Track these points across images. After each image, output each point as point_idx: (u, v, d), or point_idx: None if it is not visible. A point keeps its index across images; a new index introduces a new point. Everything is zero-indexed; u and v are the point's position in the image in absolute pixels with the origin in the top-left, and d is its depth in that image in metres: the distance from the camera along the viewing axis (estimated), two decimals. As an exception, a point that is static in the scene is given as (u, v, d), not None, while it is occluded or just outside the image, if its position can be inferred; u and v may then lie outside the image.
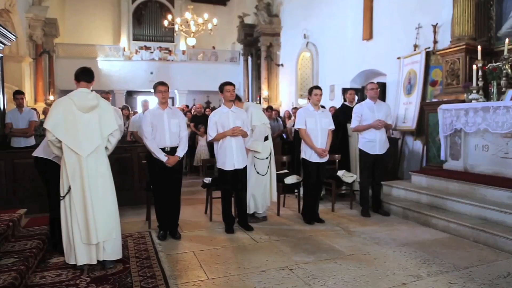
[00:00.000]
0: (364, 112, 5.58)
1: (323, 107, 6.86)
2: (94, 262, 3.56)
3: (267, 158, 5.33)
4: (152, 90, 4.71)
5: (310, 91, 5.34)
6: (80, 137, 3.51)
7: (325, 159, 5.28)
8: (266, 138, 5.37)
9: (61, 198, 3.54)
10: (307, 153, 5.23)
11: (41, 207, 5.34)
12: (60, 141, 3.51)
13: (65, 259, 3.64)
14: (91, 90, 3.73)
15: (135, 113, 10.50)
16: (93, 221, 3.48)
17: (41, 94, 14.55)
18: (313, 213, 5.33)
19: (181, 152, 4.58)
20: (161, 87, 4.62)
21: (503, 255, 3.94)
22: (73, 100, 3.56)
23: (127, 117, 8.42)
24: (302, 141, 5.28)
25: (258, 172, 5.27)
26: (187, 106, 13.81)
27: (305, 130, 5.20)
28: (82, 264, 3.55)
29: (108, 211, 3.61)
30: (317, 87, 5.34)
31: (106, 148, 3.71)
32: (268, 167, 5.37)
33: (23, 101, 6.68)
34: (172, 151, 4.55)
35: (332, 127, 5.37)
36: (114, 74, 18.08)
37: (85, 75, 3.75)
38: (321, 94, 5.30)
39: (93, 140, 3.58)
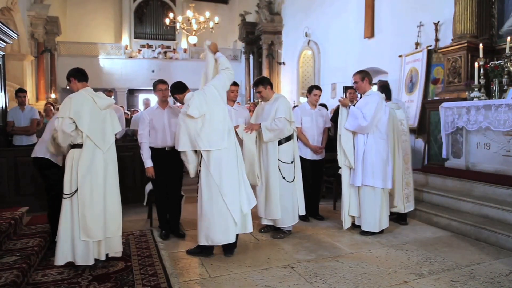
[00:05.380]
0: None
1: (324, 105, 6.86)
2: (92, 262, 3.48)
3: (292, 162, 4.58)
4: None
5: (310, 90, 5.37)
6: (101, 133, 3.59)
7: (321, 157, 5.35)
8: (288, 138, 4.59)
9: (65, 196, 3.44)
10: (302, 151, 5.22)
11: (43, 205, 5.34)
12: (71, 136, 3.45)
13: (56, 260, 3.43)
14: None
15: (133, 112, 10.50)
16: (102, 217, 3.49)
17: (43, 93, 14.58)
18: (312, 210, 5.34)
19: None
20: (161, 85, 4.60)
21: (504, 253, 3.94)
22: (93, 97, 3.61)
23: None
24: (298, 139, 5.28)
25: (284, 178, 4.50)
26: None
27: (301, 129, 5.22)
28: (83, 264, 3.48)
29: (117, 208, 3.66)
30: (318, 88, 5.39)
31: None
32: (294, 173, 4.62)
33: (25, 99, 6.69)
34: (173, 150, 4.54)
35: (328, 125, 5.42)
36: (115, 72, 18.09)
37: (84, 75, 3.77)
38: (320, 95, 5.37)
39: (110, 137, 3.68)
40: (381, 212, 4.53)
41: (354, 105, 5.23)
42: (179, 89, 4.12)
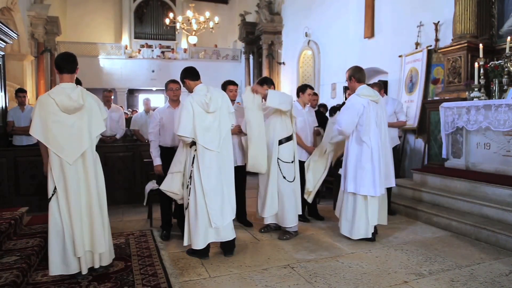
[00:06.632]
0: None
1: (324, 105, 6.88)
2: (85, 272, 3.32)
3: (292, 162, 4.59)
4: (153, 88, 4.71)
5: (304, 89, 5.25)
6: (65, 142, 3.16)
7: None
8: (289, 138, 4.61)
9: (49, 200, 3.23)
10: (298, 153, 5.15)
11: (43, 205, 5.35)
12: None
13: (52, 271, 3.23)
14: (77, 85, 3.31)
15: (133, 112, 10.51)
16: (80, 233, 3.21)
17: (43, 93, 14.47)
18: (312, 210, 5.34)
19: None
20: (172, 85, 4.62)
21: (504, 253, 3.94)
22: (55, 99, 3.13)
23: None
24: None
25: (284, 177, 4.50)
26: None
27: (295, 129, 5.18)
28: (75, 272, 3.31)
29: (96, 223, 3.29)
30: (312, 87, 5.35)
31: None
32: (294, 172, 4.62)
33: (25, 99, 6.72)
34: None
35: (317, 124, 5.39)
36: (115, 73, 18.10)
37: (68, 64, 3.27)
38: (314, 94, 5.33)
39: (81, 144, 3.22)
40: (353, 219, 4.30)
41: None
42: (193, 75, 3.93)
